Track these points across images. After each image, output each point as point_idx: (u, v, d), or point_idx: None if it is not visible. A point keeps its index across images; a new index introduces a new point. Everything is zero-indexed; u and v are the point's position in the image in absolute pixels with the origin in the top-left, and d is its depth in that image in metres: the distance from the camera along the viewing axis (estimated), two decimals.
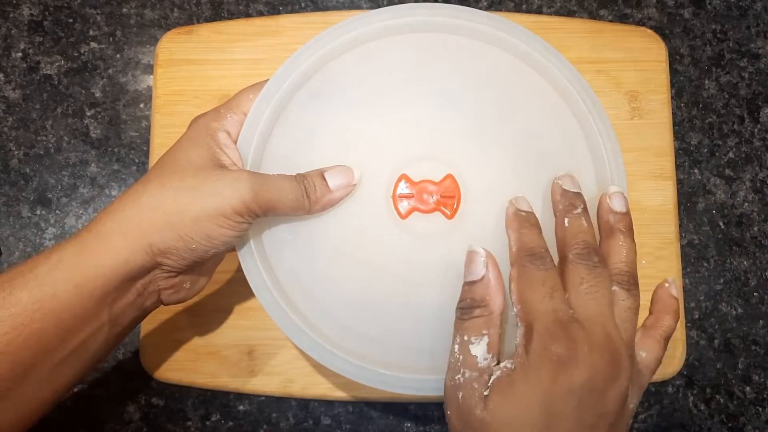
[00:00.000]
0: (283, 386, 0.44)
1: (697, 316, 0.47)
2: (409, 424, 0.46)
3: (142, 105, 0.49)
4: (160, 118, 0.47)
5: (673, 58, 0.51)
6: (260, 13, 0.51)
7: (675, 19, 0.51)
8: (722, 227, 0.49)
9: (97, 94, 0.49)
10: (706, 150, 0.50)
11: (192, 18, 0.51)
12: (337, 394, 0.44)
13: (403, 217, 0.36)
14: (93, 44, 0.50)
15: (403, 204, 0.36)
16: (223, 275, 0.45)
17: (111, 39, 0.50)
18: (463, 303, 0.31)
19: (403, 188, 0.36)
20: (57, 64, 0.50)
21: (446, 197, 0.36)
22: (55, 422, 0.44)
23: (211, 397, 0.45)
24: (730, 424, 0.46)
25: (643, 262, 0.46)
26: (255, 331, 0.45)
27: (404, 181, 0.36)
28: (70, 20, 0.51)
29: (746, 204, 0.49)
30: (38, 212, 0.48)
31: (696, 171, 0.49)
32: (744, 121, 0.50)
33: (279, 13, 0.51)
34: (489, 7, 0.51)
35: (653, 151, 0.47)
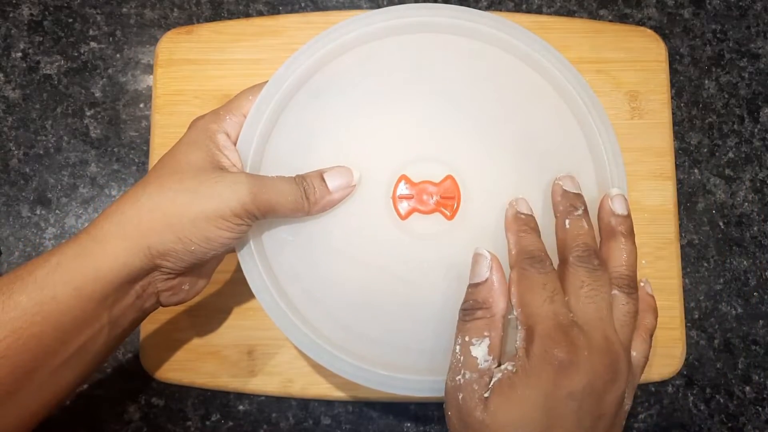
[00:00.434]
0: (282, 386, 0.44)
1: (697, 316, 0.47)
2: (409, 424, 0.46)
3: (142, 105, 0.49)
4: (159, 118, 0.47)
5: (673, 58, 0.51)
6: (260, 13, 0.51)
7: (675, 19, 0.51)
8: (722, 227, 0.49)
9: (97, 94, 0.49)
10: (706, 150, 0.50)
11: (192, 18, 0.50)
12: (336, 394, 0.44)
13: (403, 217, 0.36)
14: (93, 44, 0.50)
15: (403, 205, 0.36)
16: (223, 275, 0.45)
17: (111, 39, 0.50)
18: (466, 304, 0.31)
19: (403, 189, 0.36)
20: (57, 63, 0.50)
21: (446, 198, 0.36)
22: (55, 422, 0.44)
23: (211, 397, 0.45)
24: (730, 424, 0.46)
25: (643, 262, 0.46)
26: (255, 331, 0.45)
27: (404, 182, 0.36)
28: (70, 20, 0.51)
29: (746, 204, 0.49)
30: (38, 212, 0.48)
31: (696, 171, 0.49)
32: (744, 121, 0.50)
33: (279, 13, 0.51)
34: (489, 7, 0.51)
35: (653, 151, 0.47)
